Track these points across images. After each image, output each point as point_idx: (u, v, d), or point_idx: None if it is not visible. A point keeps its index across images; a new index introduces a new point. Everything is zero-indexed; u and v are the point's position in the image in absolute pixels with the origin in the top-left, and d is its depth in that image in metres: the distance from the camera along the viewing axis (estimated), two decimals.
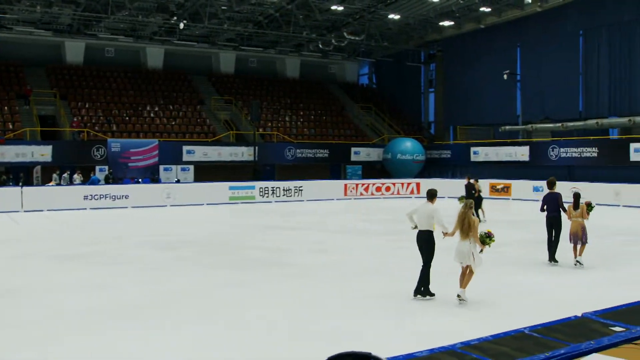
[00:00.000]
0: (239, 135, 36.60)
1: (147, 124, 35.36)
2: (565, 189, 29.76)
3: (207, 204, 29.83)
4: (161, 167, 32.85)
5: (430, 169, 40.00)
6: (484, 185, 34.37)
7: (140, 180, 31.48)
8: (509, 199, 33.31)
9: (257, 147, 34.29)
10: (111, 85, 38.08)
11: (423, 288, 10.33)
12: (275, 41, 42.01)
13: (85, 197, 28.00)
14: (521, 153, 34.74)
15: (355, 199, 34.04)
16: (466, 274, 9.97)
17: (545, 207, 13.84)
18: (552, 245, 13.69)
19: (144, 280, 12.05)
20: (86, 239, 18.02)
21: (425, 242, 10.31)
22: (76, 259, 14.51)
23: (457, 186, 35.21)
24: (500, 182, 34.16)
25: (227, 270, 13.02)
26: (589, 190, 29.40)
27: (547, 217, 13.82)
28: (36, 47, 38.18)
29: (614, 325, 6.02)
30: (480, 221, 22.41)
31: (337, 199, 33.53)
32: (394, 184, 35.78)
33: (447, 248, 10.99)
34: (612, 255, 15.02)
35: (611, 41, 32.65)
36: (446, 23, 38.18)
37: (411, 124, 45.53)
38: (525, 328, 5.98)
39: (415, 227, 10.58)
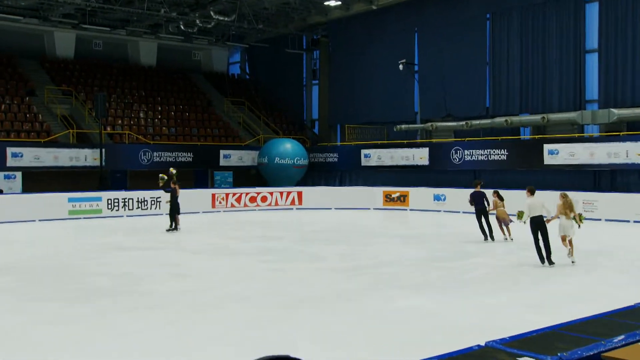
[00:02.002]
0: (81, 134, 35.41)
1: None
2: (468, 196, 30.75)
3: (40, 220, 28.78)
4: None
5: (314, 175, 40.15)
6: (378, 193, 35.04)
7: None
8: (405, 209, 33.94)
9: (104, 150, 33.37)
10: None
11: (548, 256, 16.11)
12: (125, 19, 41.02)
13: None
14: (420, 156, 35.42)
15: (225, 211, 33.73)
16: (571, 244, 16.19)
17: (473, 202, 21.03)
18: (486, 229, 20.88)
19: None
20: None
21: (542, 223, 16.05)
22: None
23: (346, 194, 35.68)
24: (396, 190, 34.74)
25: (60, 303, 12.48)
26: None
27: (477, 209, 20.98)
28: None
29: (522, 355, 6.07)
30: (177, 229, 24.70)
31: (203, 212, 33.17)
32: (271, 193, 35.71)
33: None
34: (520, 274, 15.47)
35: (523, 26, 33.58)
36: (332, 3, 38.55)
37: (292, 122, 45.62)
38: None
39: (525, 222, 16.53)
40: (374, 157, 37.51)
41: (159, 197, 32.36)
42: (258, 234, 24.45)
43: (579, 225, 16.28)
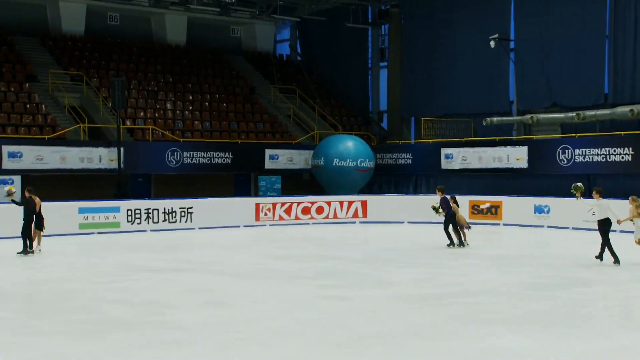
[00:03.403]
0: (94, 130, 35.90)
1: None
2: (582, 212, 30.04)
3: (44, 236, 28.63)
4: None
5: (381, 180, 40.09)
6: (463, 203, 34.64)
7: None
8: (498, 223, 33.61)
9: (122, 149, 33.74)
10: None
11: (602, 253, 20.55)
12: None
13: None
14: (516, 157, 35.07)
15: (271, 225, 33.94)
16: None
17: (445, 209, 25.17)
18: (449, 231, 25.24)
19: None
20: None
21: (610, 224, 20.31)
22: None
23: (422, 205, 35.39)
24: (485, 200, 34.41)
25: (64, 338, 12.55)
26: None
27: (450, 216, 25.07)
28: None
29: None
30: (34, 252, 24.64)
31: (245, 226, 33.47)
32: (328, 203, 35.80)
33: None
34: None
35: None
36: None
37: (354, 115, 45.60)
38: None
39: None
40: (458, 158, 37.23)
41: (191, 208, 32.54)
42: (312, 253, 24.51)
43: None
